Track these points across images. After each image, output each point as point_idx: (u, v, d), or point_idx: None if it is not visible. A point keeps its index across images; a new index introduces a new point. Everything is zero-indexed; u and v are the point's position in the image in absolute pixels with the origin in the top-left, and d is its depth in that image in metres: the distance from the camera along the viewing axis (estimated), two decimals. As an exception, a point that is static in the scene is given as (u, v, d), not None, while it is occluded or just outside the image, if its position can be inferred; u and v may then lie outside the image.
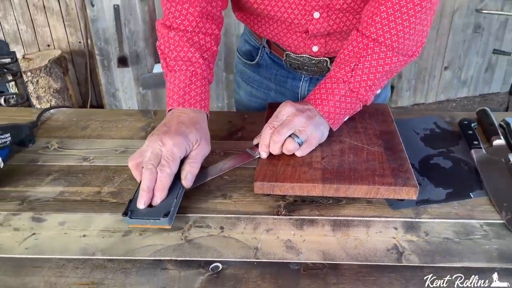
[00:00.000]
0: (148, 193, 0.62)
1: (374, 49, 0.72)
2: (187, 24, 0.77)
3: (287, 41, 0.87)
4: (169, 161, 0.65)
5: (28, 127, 0.82)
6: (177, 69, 0.76)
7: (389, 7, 0.70)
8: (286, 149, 0.70)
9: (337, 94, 0.73)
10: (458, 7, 2.69)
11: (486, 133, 0.81)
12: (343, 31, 0.83)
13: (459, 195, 0.67)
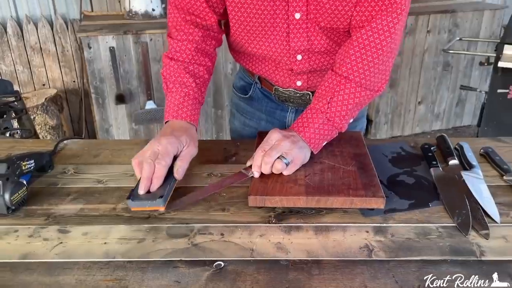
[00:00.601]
0: (147, 181, 0.78)
1: (346, 85, 0.87)
2: (184, 57, 0.95)
3: (275, 77, 1.02)
4: (164, 156, 0.80)
5: (48, 154, 0.94)
6: (174, 90, 0.93)
7: (357, 51, 0.86)
8: (275, 168, 0.83)
9: (316, 122, 0.87)
10: (428, 47, 2.93)
11: (444, 155, 0.95)
12: (322, 69, 0.99)
13: (419, 205, 0.80)
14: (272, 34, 0.94)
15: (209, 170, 0.93)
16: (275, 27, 0.93)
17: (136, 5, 2.63)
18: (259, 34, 0.95)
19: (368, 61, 0.86)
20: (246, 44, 0.99)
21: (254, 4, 0.90)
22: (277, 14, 0.91)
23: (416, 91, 3.06)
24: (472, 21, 2.97)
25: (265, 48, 0.96)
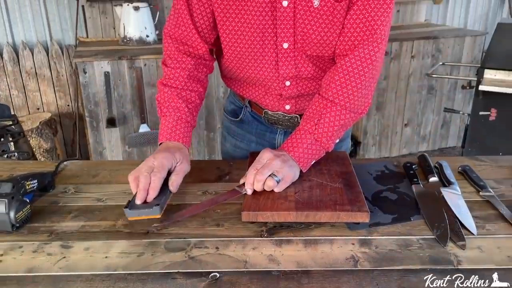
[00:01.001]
0: (144, 192, 0.83)
1: (332, 108, 0.94)
2: (177, 83, 1.02)
3: (265, 102, 1.09)
4: (160, 169, 0.86)
5: (50, 175, 0.98)
6: (168, 114, 1.00)
7: (342, 77, 0.93)
8: (267, 186, 0.88)
9: (305, 142, 0.93)
10: (412, 72, 3.04)
11: (424, 172, 1.01)
12: (309, 94, 1.06)
13: (402, 219, 0.85)
14: (262, 62, 1.01)
15: (204, 188, 0.98)
16: (265, 55, 1.00)
17: (131, 31, 2.71)
18: (250, 61, 1.02)
19: (352, 86, 0.93)
20: (238, 70, 1.06)
21: (245, 34, 0.97)
22: (266, 44, 0.98)
23: (402, 113, 3.15)
24: (454, 47, 3.10)
25: (255, 75, 1.03)
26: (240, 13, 0.96)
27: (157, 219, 0.83)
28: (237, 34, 0.98)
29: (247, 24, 0.97)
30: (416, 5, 3.57)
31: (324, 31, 0.94)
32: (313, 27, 0.95)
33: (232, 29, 0.99)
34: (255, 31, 0.96)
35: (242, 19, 0.97)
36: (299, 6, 0.94)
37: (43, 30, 2.87)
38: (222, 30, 1.00)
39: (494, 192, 0.93)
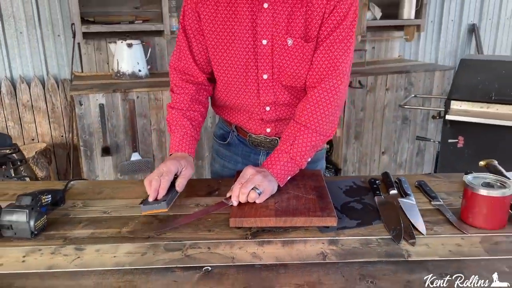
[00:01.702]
0: (155, 192, 1.04)
1: (304, 131, 1.11)
2: (182, 106, 1.22)
3: (249, 125, 1.26)
4: (168, 173, 1.06)
5: (61, 191, 1.12)
6: (175, 131, 1.20)
7: (312, 105, 1.11)
8: (250, 197, 1.03)
9: (281, 160, 1.10)
10: (387, 103, 3.27)
11: (386, 186, 1.18)
12: (286, 118, 1.24)
13: (365, 224, 1.01)
14: (245, 90, 1.20)
15: (196, 202, 1.13)
16: (248, 85, 1.19)
17: (124, 66, 2.90)
18: (236, 89, 1.21)
19: (320, 113, 1.11)
20: (226, 97, 1.24)
21: (232, 66, 1.17)
22: (249, 75, 1.17)
23: (380, 142, 3.36)
24: (425, 80, 3.35)
25: (240, 101, 1.22)
26: (228, 49, 1.16)
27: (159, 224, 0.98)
28: (226, 66, 1.18)
29: (234, 59, 1.16)
30: (390, 42, 3.85)
31: (296, 65, 1.13)
32: (287, 62, 1.14)
33: (221, 63, 1.18)
34: (240, 64, 1.16)
35: (230, 55, 1.16)
36: (276, 45, 1.13)
37: (40, 65, 3.03)
38: (214, 63, 1.20)
39: (444, 202, 1.10)
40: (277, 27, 1.12)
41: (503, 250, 0.90)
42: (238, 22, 1.13)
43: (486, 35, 4.25)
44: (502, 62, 2.57)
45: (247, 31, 1.13)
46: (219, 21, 1.14)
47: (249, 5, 1.11)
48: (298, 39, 1.12)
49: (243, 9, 1.12)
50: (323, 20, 1.11)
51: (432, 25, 4.03)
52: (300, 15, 1.11)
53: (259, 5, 1.11)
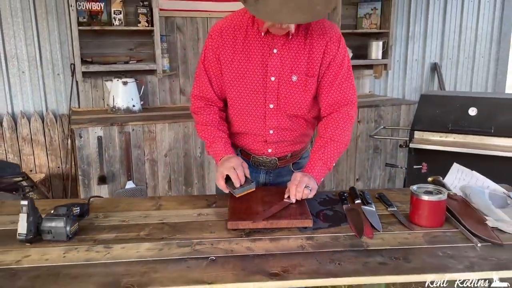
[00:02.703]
0: (237, 180, 1.37)
1: (331, 143, 1.44)
2: (214, 123, 1.53)
3: (253, 147, 1.55)
4: (239, 166, 1.39)
5: (86, 205, 1.35)
6: (216, 142, 1.50)
7: (333, 125, 1.45)
8: (305, 194, 1.32)
9: (317, 165, 1.41)
10: (360, 134, 3.60)
11: (352, 198, 1.45)
12: (285, 140, 1.54)
13: (335, 225, 1.27)
14: (254, 116, 1.49)
15: (198, 212, 1.37)
16: (256, 112, 1.48)
17: (119, 102, 3.16)
18: (246, 116, 1.50)
19: (340, 129, 1.45)
20: (236, 123, 1.53)
21: (244, 97, 1.46)
22: (258, 104, 1.46)
23: (354, 170, 3.66)
24: (393, 113, 3.70)
25: (249, 125, 1.51)
26: (242, 84, 1.45)
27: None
28: (239, 97, 1.47)
29: (246, 91, 1.46)
30: (361, 80, 4.24)
31: (299, 97, 1.45)
32: (291, 95, 1.45)
33: (236, 94, 1.47)
34: (251, 96, 1.45)
35: (243, 88, 1.45)
36: (281, 81, 1.43)
37: (40, 102, 3.26)
38: (229, 94, 1.48)
39: (397, 208, 1.38)
40: (284, 67, 1.42)
41: (439, 241, 1.18)
42: (252, 63, 1.42)
43: (447, 72, 4.70)
44: (456, 97, 2.94)
45: (258, 70, 1.43)
46: (235, 62, 1.43)
47: (261, 50, 1.41)
48: (301, 75, 1.43)
49: (256, 54, 1.42)
50: (328, 63, 1.43)
51: (399, 64, 4.45)
52: (303, 55, 1.42)
53: (270, 50, 1.41)
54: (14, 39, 3.15)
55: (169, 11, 3.45)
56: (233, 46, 1.42)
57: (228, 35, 1.43)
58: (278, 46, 1.40)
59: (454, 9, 4.57)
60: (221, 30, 1.44)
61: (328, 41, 1.42)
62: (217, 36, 1.44)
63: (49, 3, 3.17)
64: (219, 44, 1.43)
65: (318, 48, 1.42)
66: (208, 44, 1.47)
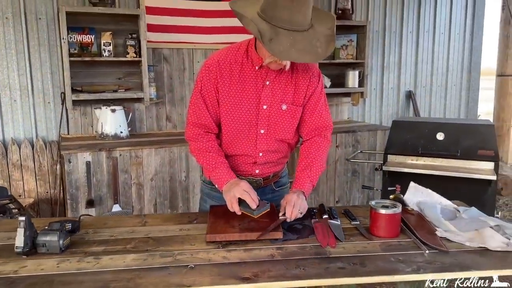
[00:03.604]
0: (253, 203, 1.48)
1: (315, 163, 1.61)
2: (214, 149, 1.64)
3: (241, 168, 1.69)
4: (250, 189, 1.51)
5: (77, 222, 1.48)
6: (218, 167, 1.60)
7: (316, 147, 1.64)
8: (297, 216, 1.46)
9: (306, 183, 1.58)
10: (338, 158, 3.78)
11: (321, 213, 1.60)
12: (272, 162, 1.70)
13: (303, 237, 1.42)
14: (246, 141, 1.64)
15: (180, 227, 1.51)
16: (249, 136, 1.63)
17: (108, 129, 3.30)
18: (239, 139, 1.64)
19: (321, 151, 1.63)
20: (229, 146, 1.66)
21: (238, 123, 1.61)
22: (251, 130, 1.62)
23: (334, 192, 3.82)
24: (369, 139, 3.90)
25: (241, 148, 1.65)
26: (237, 112, 1.60)
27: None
28: (234, 123, 1.62)
29: (240, 118, 1.61)
30: (340, 107, 4.47)
31: (287, 124, 1.63)
32: (281, 121, 1.62)
33: (231, 120, 1.61)
34: (245, 122, 1.61)
35: (238, 115, 1.60)
36: (272, 109, 1.60)
37: (31, 129, 3.38)
38: (224, 120, 1.62)
39: (360, 222, 1.54)
40: (275, 97, 1.60)
41: (393, 249, 1.33)
42: (246, 93, 1.59)
43: (421, 100, 4.95)
44: (425, 123, 3.15)
45: (252, 100, 1.59)
46: (232, 92, 1.59)
47: (255, 82, 1.58)
48: (289, 104, 1.61)
49: (250, 85, 1.58)
50: (310, 94, 1.62)
51: (375, 92, 4.69)
52: (291, 87, 1.60)
53: (263, 82, 1.58)
54: (7, 69, 3.30)
55: (156, 42, 3.65)
56: (230, 78, 1.59)
57: (225, 67, 1.59)
58: (270, 79, 1.58)
59: (426, 41, 4.87)
60: (218, 63, 1.60)
61: (311, 76, 1.62)
62: (215, 68, 1.59)
63: (41, 35, 3.34)
64: (217, 75, 1.59)
65: (303, 82, 1.61)
66: (206, 75, 1.61)
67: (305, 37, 1.39)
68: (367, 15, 4.48)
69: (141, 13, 3.34)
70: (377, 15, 4.55)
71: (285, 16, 1.36)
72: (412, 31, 4.77)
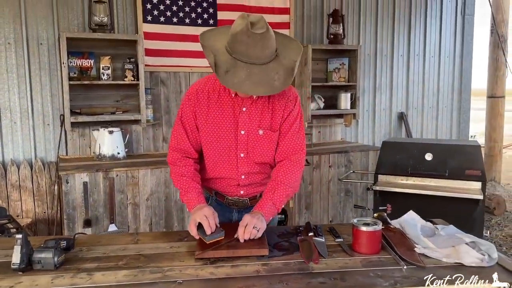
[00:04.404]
0: (209, 228, 1.50)
1: (281, 186, 1.64)
2: (190, 174, 1.70)
3: (227, 190, 1.76)
4: (211, 215, 1.53)
5: (72, 240, 1.54)
6: (190, 191, 1.66)
7: (285, 169, 1.67)
8: (253, 234, 1.50)
9: (267, 205, 1.61)
10: (331, 178, 3.85)
11: (307, 231, 1.67)
12: (256, 183, 1.76)
13: (288, 254, 1.48)
14: (228, 165, 1.71)
15: (171, 245, 1.57)
16: (229, 161, 1.70)
17: (105, 150, 3.38)
18: (220, 164, 1.71)
19: (291, 174, 1.66)
20: (212, 170, 1.74)
21: (218, 148, 1.68)
22: (231, 154, 1.69)
23: (327, 211, 3.88)
24: (361, 159, 3.98)
25: (223, 172, 1.73)
26: (216, 137, 1.68)
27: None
28: (214, 148, 1.70)
29: (220, 143, 1.68)
30: (333, 128, 4.56)
31: (265, 148, 1.69)
32: (259, 146, 1.69)
33: (211, 146, 1.69)
34: (225, 147, 1.68)
35: (217, 140, 1.68)
36: (250, 134, 1.68)
37: (30, 150, 3.46)
38: (205, 146, 1.71)
39: (344, 240, 1.60)
40: (252, 122, 1.67)
41: (373, 265, 1.39)
42: (224, 120, 1.67)
43: (413, 121, 5.06)
44: (414, 144, 3.23)
45: (230, 125, 1.67)
46: (210, 118, 1.67)
47: (232, 108, 1.66)
48: (266, 130, 1.68)
49: (228, 111, 1.66)
50: (285, 118, 1.68)
51: (368, 113, 4.80)
52: (267, 113, 1.68)
53: (240, 109, 1.66)
54: (9, 92, 3.40)
55: (153, 66, 3.77)
56: (207, 105, 1.67)
57: (204, 95, 1.68)
58: (247, 105, 1.66)
59: (416, 64, 5.01)
60: (197, 92, 1.69)
61: (287, 101, 1.69)
62: (193, 97, 1.69)
63: (42, 60, 3.46)
64: (195, 103, 1.68)
65: (279, 107, 1.69)
66: (185, 103, 1.71)
67: (263, 70, 1.47)
68: (359, 39, 4.63)
69: (139, 39, 3.46)
70: (368, 39, 4.69)
71: (242, 50, 1.45)
72: (402, 55, 4.91)
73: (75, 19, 3.53)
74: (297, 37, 4.29)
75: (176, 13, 3.82)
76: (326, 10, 4.40)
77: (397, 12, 4.80)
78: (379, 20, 4.72)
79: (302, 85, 4.16)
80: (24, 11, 3.38)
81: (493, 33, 5.69)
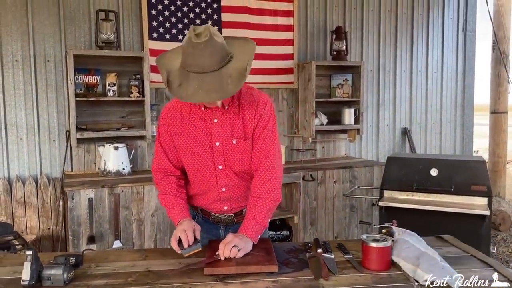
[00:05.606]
0: (186, 241, 1.53)
1: (260, 201, 1.64)
2: (171, 191, 1.72)
3: (211, 206, 1.77)
4: (190, 228, 1.55)
5: (80, 256, 1.54)
6: (174, 207, 1.70)
7: (260, 183, 1.65)
8: (233, 252, 1.49)
9: (250, 225, 1.60)
10: (336, 194, 3.84)
11: (316, 247, 1.66)
12: (238, 196, 1.76)
13: (297, 270, 1.47)
14: (207, 177, 1.72)
15: (180, 261, 1.56)
16: (208, 173, 1.71)
17: (110, 166, 3.39)
18: (200, 178, 1.73)
19: (267, 186, 1.65)
20: (194, 186, 1.76)
21: (196, 162, 1.70)
22: (209, 167, 1.70)
23: (332, 228, 3.86)
24: (366, 174, 3.98)
25: (204, 186, 1.74)
26: (193, 151, 1.70)
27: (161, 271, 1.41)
28: (192, 162, 1.71)
29: (197, 157, 1.70)
30: (337, 143, 4.57)
31: (241, 157, 1.69)
32: (235, 156, 1.70)
33: (189, 160, 1.71)
34: (202, 160, 1.70)
35: (194, 154, 1.70)
36: (225, 145, 1.69)
37: (35, 166, 3.47)
38: (184, 161, 1.73)
39: (353, 256, 1.59)
40: (225, 133, 1.68)
41: (383, 281, 1.39)
42: (198, 133, 1.68)
43: (417, 136, 5.06)
44: (419, 159, 3.23)
45: (204, 138, 1.68)
46: (184, 134, 1.69)
47: (204, 121, 1.68)
48: (239, 139, 1.68)
49: (200, 125, 1.68)
50: (256, 124, 1.68)
51: (372, 128, 4.81)
52: (239, 122, 1.68)
53: (211, 121, 1.68)
54: (15, 108, 3.43)
55: (159, 83, 3.79)
56: (180, 122, 1.70)
57: (176, 113, 1.71)
58: (218, 116, 1.68)
59: (419, 80, 5.04)
60: (169, 111, 1.73)
61: (257, 106, 1.70)
62: (166, 116, 1.72)
63: (49, 77, 3.50)
64: (169, 122, 1.71)
65: (249, 114, 1.69)
66: (160, 123, 1.75)
67: (215, 77, 1.48)
68: (362, 55, 4.67)
69: (145, 56, 3.50)
70: (371, 56, 4.73)
71: (191, 62, 1.48)
72: (405, 71, 4.94)
73: (82, 36, 3.58)
74: (301, 53, 4.34)
75: (181, 31, 3.87)
76: (329, 27, 4.46)
77: (399, 29, 4.85)
78: (382, 36, 4.77)
79: (306, 101, 4.19)
80: (32, 29, 3.43)
81: (495, 49, 5.74)
